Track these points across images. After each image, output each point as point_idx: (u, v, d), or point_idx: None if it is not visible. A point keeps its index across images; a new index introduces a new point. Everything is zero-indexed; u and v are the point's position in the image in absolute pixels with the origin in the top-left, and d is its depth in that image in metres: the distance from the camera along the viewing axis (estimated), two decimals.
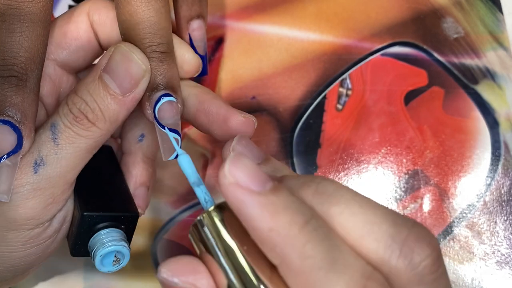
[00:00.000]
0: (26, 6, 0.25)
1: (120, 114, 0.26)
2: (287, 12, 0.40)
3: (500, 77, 0.39)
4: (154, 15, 0.27)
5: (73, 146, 0.25)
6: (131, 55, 0.26)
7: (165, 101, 0.27)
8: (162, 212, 0.37)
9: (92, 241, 0.27)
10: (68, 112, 0.25)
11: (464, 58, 0.39)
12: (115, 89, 0.25)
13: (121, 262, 0.27)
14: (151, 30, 0.27)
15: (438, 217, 0.37)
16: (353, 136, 0.38)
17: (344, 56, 0.39)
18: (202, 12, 0.32)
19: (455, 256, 0.36)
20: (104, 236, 0.27)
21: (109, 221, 0.27)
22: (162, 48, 0.27)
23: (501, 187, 0.37)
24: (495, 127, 0.38)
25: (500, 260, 0.36)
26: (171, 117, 0.27)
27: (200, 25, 0.32)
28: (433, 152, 0.38)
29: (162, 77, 0.27)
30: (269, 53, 0.39)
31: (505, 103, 0.38)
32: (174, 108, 0.27)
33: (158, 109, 0.27)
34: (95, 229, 0.27)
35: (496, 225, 0.37)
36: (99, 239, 0.27)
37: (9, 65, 0.25)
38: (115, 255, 0.27)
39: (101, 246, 0.26)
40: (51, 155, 0.25)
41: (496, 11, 0.40)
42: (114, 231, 0.27)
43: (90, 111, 0.25)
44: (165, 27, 0.27)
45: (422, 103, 0.38)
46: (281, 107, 0.38)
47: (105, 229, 0.27)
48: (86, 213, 0.27)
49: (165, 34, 0.27)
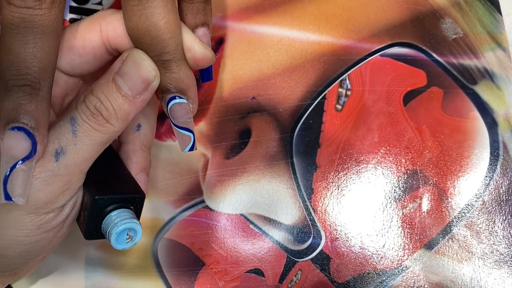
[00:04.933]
0: (39, 19, 0.27)
1: (131, 113, 0.28)
2: (287, 13, 0.40)
3: (499, 78, 0.39)
4: (153, 29, 0.29)
5: (89, 139, 0.28)
6: (142, 62, 0.28)
7: (175, 103, 0.30)
8: (163, 211, 0.37)
9: (106, 222, 0.29)
10: (86, 108, 0.28)
11: (463, 59, 0.39)
12: (127, 91, 0.28)
13: (134, 239, 0.29)
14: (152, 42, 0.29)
15: (437, 217, 0.37)
16: (353, 136, 0.38)
17: (344, 56, 0.39)
18: (206, 20, 0.34)
19: (454, 256, 0.37)
20: (116, 216, 0.29)
21: (119, 202, 0.29)
22: (165, 57, 0.29)
23: (500, 186, 0.37)
24: (494, 127, 0.38)
25: (498, 259, 0.36)
26: (181, 117, 0.30)
27: (205, 33, 0.33)
28: (432, 152, 0.38)
29: (170, 81, 0.30)
30: (269, 53, 0.39)
31: (504, 103, 0.39)
32: (183, 109, 0.30)
33: (169, 109, 0.30)
34: (107, 211, 0.29)
35: (494, 225, 0.37)
36: (112, 219, 0.29)
37: (23, 74, 0.26)
38: (127, 233, 0.29)
39: (114, 226, 0.28)
40: (71, 145, 0.27)
41: (494, 12, 0.40)
42: (124, 211, 0.29)
43: (105, 109, 0.28)
44: (165, 39, 0.29)
45: (421, 104, 0.39)
46: (281, 107, 0.39)
47: (115, 210, 0.29)
48: (97, 197, 0.29)
49: (167, 44, 0.29)
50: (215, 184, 0.37)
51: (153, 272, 0.37)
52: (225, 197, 0.37)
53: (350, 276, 0.36)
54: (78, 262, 0.37)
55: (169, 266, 0.37)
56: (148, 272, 0.37)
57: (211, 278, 0.36)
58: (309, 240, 0.37)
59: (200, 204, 0.37)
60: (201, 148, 0.38)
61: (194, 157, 0.38)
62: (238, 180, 0.38)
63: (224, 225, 0.37)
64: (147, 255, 0.37)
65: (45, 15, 0.27)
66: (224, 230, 0.37)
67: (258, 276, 0.37)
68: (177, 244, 0.37)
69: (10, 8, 0.26)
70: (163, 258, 0.37)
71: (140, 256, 0.37)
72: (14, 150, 0.26)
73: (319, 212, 0.37)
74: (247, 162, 0.38)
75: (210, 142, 0.38)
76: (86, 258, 0.37)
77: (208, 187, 0.38)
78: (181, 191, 0.38)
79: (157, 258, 0.37)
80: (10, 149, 0.26)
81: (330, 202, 0.37)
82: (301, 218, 0.37)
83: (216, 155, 0.38)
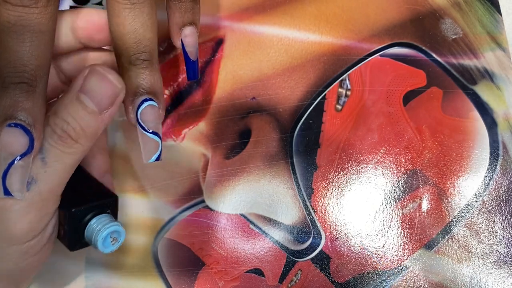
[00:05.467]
0: (35, 18, 0.27)
1: (99, 129, 0.28)
2: (287, 13, 0.40)
3: (499, 78, 0.39)
4: (139, 27, 0.29)
5: (60, 163, 0.27)
6: (106, 76, 0.28)
7: (147, 105, 0.29)
8: (163, 211, 0.37)
9: (88, 230, 0.29)
10: (52, 132, 0.27)
11: (463, 59, 0.39)
12: (93, 108, 0.27)
13: (119, 239, 0.30)
14: (136, 40, 0.29)
15: (437, 217, 0.37)
16: (352, 136, 0.38)
17: (344, 56, 0.39)
18: (194, 19, 0.34)
19: (454, 256, 0.37)
20: (97, 223, 0.29)
21: (95, 209, 0.30)
22: (145, 56, 0.30)
23: (500, 187, 0.37)
24: (494, 127, 0.38)
25: (498, 259, 0.36)
26: (152, 121, 0.30)
27: (192, 32, 0.34)
28: (432, 152, 0.38)
29: (144, 83, 0.29)
30: (269, 54, 0.40)
31: (504, 103, 0.39)
32: (155, 112, 0.30)
33: (140, 112, 0.29)
34: (86, 221, 0.29)
35: (494, 225, 0.37)
36: (93, 227, 0.29)
37: (20, 72, 0.26)
38: (111, 236, 0.29)
39: (98, 232, 0.29)
40: (41, 173, 0.27)
41: (494, 12, 0.40)
42: (103, 216, 0.30)
43: (72, 130, 0.27)
44: (149, 38, 0.30)
45: (421, 104, 0.39)
46: (281, 107, 0.39)
47: (94, 218, 0.30)
48: (74, 210, 0.29)
49: (149, 44, 0.30)
50: (215, 184, 0.38)
51: (153, 272, 0.37)
52: (225, 197, 0.37)
53: (350, 276, 0.36)
54: (78, 262, 0.37)
55: (169, 266, 0.37)
56: (148, 272, 0.37)
57: (211, 278, 0.36)
58: (309, 240, 0.37)
59: (200, 204, 0.37)
60: (201, 148, 0.38)
61: (194, 157, 0.38)
62: (238, 180, 0.38)
63: (224, 225, 0.37)
64: (147, 255, 0.37)
65: (41, 13, 0.27)
66: (224, 230, 0.37)
67: (258, 276, 0.37)
68: (177, 244, 0.37)
69: (7, 6, 0.26)
70: (163, 258, 0.37)
71: (140, 256, 0.37)
72: (12, 146, 0.26)
73: (319, 212, 0.37)
74: (247, 162, 0.38)
75: (210, 142, 0.38)
76: (86, 258, 0.37)
77: (208, 187, 0.38)
78: (181, 191, 0.38)
79: (157, 258, 0.37)
80: (8, 145, 0.26)
81: (330, 202, 0.37)
82: (301, 218, 0.37)
83: (216, 155, 0.38)
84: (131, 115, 0.30)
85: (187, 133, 0.38)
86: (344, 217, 0.37)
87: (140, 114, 0.29)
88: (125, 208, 0.37)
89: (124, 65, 0.30)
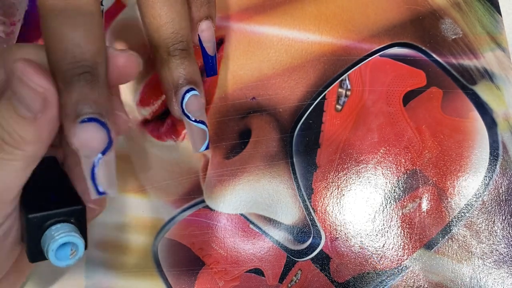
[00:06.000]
0: None
1: (42, 134, 0.25)
2: (287, 14, 0.40)
3: (498, 78, 0.39)
4: (176, 16, 0.28)
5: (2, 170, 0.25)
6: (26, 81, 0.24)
7: (191, 95, 0.29)
8: (163, 211, 0.37)
9: (43, 239, 0.26)
10: None
11: (463, 59, 0.39)
12: (25, 112, 0.24)
13: (77, 253, 0.26)
14: (173, 30, 0.28)
15: (437, 217, 0.37)
16: (352, 136, 0.38)
17: (343, 57, 0.39)
18: (210, 13, 0.33)
19: (454, 255, 0.37)
20: (54, 231, 0.26)
21: (56, 217, 0.26)
22: (183, 45, 0.29)
23: (499, 186, 0.37)
24: (493, 127, 0.38)
25: (498, 259, 0.36)
26: (198, 110, 0.29)
27: (208, 26, 0.33)
28: (432, 152, 0.38)
29: (185, 73, 0.29)
30: (269, 54, 0.40)
31: (503, 103, 0.39)
32: (199, 101, 0.29)
33: (185, 103, 0.29)
34: (44, 228, 0.26)
35: (494, 225, 0.37)
36: (49, 235, 0.26)
37: (80, 61, 0.24)
38: (71, 248, 0.26)
39: (51, 242, 0.26)
40: None
41: (494, 12, 0.40)
42: (64, 225, 0.26)
43: (7, 135, 0.24)
44: (185, 27, 0.29)
45: (421, 104, 0.39)
46: (281, 107, 0.39)
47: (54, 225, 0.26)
48: (30, 216, 0.26)
49: (186, 33, 0.29)
50: (215, 184, 0.38)
51: (153, 272, 0.37)
52: (225, 197, 0.37)
53: (350, 276, 0.36)
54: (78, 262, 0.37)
55: (169, 266, 0.37)
56: (148, 272, 0.37)
57: (211, 278, 0.36)
58: (309, 240, 0.37)
59: (200, 204, 0.37)
60: None
61: (194, 157, 0.38)
62: (238, 180, 0.38)
63: (224, 225, 0.37)
64: (147, 255, 0.37)
65: None
66: (224, 230, 0.37)
67: (258, 275, 0.37)
68: (177, 244, 0.37)
69: None
70: (163, 258, 0.37)
71: (140, 256, 0.37)
72: (92, 143, 0.24)
73: (319, 212, 0.37)
74: (247, 162, 0.38)
75: (210, 142, 0.38)
76: (86, 258, 0.37)
77: (208, 187, 0.38)
78: (181, 191, 0.38)
79: (157, 258, 0.37)
80: (87, 143, 0.24)
81: (330, 202, 0.37)
82: (301, 218, 0.37)
83: (216, 155, 0.38)
84: (175, 107, 0.29)
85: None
86: (344, 217, 0.37)
87: (185, 105, 0.29)
88: (125, 208, 0.37)
89: (163, 57, 0.29)
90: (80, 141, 0.24)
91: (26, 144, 0.25)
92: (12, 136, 0.24)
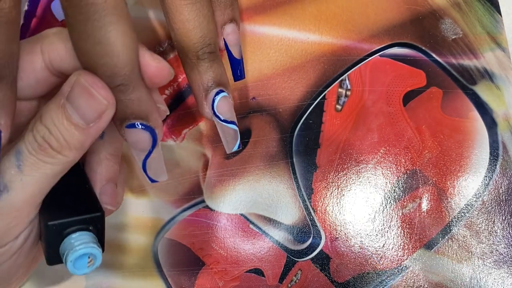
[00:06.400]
0: None
1: (86, 142, 0.26)
2: (287, 14, 0.40)
3: (498, 78, 0.39)
4: (203, 20, 0.29)
5: (39, 172, 0.25)
6: (90, 91, 0.25)
7: (221, 97, 0.30)
8: (163, 211, 0.37)
9: (62, 247, 0.27)
10: (33, 140, 0.25)
11: (463, 59, 0.39)
12: (78, 120, 0.25)
13: (95, 263, 0.27)
14: (201, 34, 0.29)
15: (437, 217, 0.37)
16: (352, 136, 0.38)
17: (343, 57, 0.39)
18: (234, 16, 0.33)
19: (454, 256, 0.37)
20: (74, 240, 0.27)
21: (75, 225, 0.27)
22: (211, 49, 0.30)
23: (499, 187, 0.37)
24: (493, 127, 0.38)
25: (498, 259, 0.36)
26: (228, 111, 0.30)
27: (233, 29, 0.33)
28: (432, 152, 0.38)
29: (214, 75, 0.30)
30: (269, 54, 0.40)
31: (503, 103, 0.39)
32: (229, 102, 0.30)
33: (216, 105, 0.30)
34: (64, 235, 0.27)
35: (494, 225, 0.37)
36: (68, 244, 0.27)
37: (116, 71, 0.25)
38: (89, 257, 0.27)
39: (70, 252, 0.26)
40: (16, 181, 0.25)
41: (494, 12, 0.40)
42: (83, 234, 0.27)
43: (54, 140, 0.25)
44: (212, 29, 0.30)
45: (421, 104, 0.39)
46: (281, 107, 0.39)
47: (74, 233, 0.27)
48: (50, 223, 0.26)
49: (213, 36, 0.30)
50: (215, 184, 0.38)
51: (153, 272, 0.37)
52: (225, 197, 0.37)
53: (350, 276, 0.36)
54: None
55: (169, 266, 0.37)
56: (148, 272, 0.37)
57: (211, 278, 0.37)
58: (309, 240, 0.37)
59: (200, 204, 0.37)
60: (201, 148, 0.38)
61: (194, 157, 0.38)
62: (238, 180, 0.38)
63: (224, 225, 0.37)
64: (147, 255, 0.37)
65: None
66: (224, 230, 0.37)
67: (258, 276, 0.37)
68: (177, 244, 0.37)
69: None
70: (163, 258, 0.37)
71: (140, 256, 0.37)
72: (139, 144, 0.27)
73: (319, 212, 0.37)
74: (247, 162, 0.38)
75: (210, 142, 0.38)
76: None
77: (208, 187, 0.38)
78: (181, 191, 0.38)
79: (157, 258, 0.37)
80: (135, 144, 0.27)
81: (330, 202, 0.37)
82: (301, 218, 0.37)
83: (216, 155, 0.38)
84: (207, 109, 0.30)
85: (187, 133, 0.38)
86: (344, 217, 0.37)
87: (216, 107, 0.30)
88: (125, 208, 0.37)
89: (192, 61, 0.30)
90: (130, 143, 0.27)
91: (70, 150, 0.26)
92: (59, 141, 0.25)
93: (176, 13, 0.29)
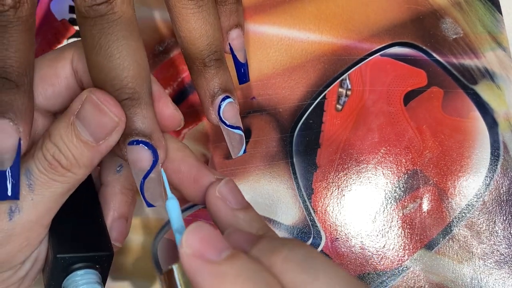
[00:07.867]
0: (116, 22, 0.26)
1: (95, 159, 0.26)
2: (287, 13, 0.40)
3: (499, 77, 0.39)
4: (209, 28, 0.30)
5: (49, 191, 0.25)
6: (102, 107, 0.25)
7: (227, 103, 0.30)
8: (163, 211, 0.37)
9: (66, 282, 0.26)
10: (43, 158, 0.25)
11: (463, 59, 0.39)
12: (88, 137, 0.25)
13: None
14: (208, 41, 0.30)
15: (437, 217, 0.37)
16: (353, 136, 0.38)
17: (344, 56, 0.39)
18: (240, 21, 0.34)
19: (454, 256, 0.36)
20: (79, 278, 0.26)
21: (82, 262, 0.27)
22: (217, 55, 0.30)
23: (500, 187, 0.37)
24: (494, 127, 0.38)
25: (499, 259, 0.36)
26: (233, 116, 0.31)
27: (238, 34, 0.34)
28: (432, 152, 0.38)
29: (220, 82, 0.30)
30: (269, 54, 0.39)
31: (504, 103, 0.39)
32: (234, 108, 0.31)
33: (222, 111, 0.30)
34: (69, 270, 0.26)
35: (495, 225, 0.37)
36: (73, 281, 0.26)
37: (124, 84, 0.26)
38: None
39: None
40: (27, 201, 0.25)
41: (495, 11, 0.40)
42: (89, 272, 0.27)
43: (64, 158, 0.25)
44: (218, 37, 0.30)
45: (421, 103, 0.39)
46: (281, 107, 0.39)
47: (79, 270, 0.26)
48: (59, 255, 0.26)
49: (219, 43, 0.31)
50: None
51: (153, 272, 0.37)
52: None
53: None
54: None
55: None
56: (148, 272, 0.37)
57: None
58: (309, 240, 0.37)
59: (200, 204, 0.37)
60: (201, 148, 0.38)
61: None
62: (238, 180, 0.38)
63: None
64: (147, 255, 0.37)
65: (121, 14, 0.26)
66: None
67: None
68: None
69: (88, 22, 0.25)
70: (163, 258, 0.37)
71: (140, 256, 0.37)
72: (139, 163, 0.26)
73: (319, 212, 0.37)
74: (247, 162, 0.38)
75: (210, 142, 0.38)
76: None
77: None
78: None
79: (157, 258, 0.37)
80: (135, 162, 0.26)
81: (330, 202, 0.37)
82: (301, 218, 0.37)
83: (216, 155, 0.38)
84: (213, 115, 0.30)
85: (187, 133, 0.38)
86: (344, 217, 0.37)
87: (222, 113, 0.30)
88: None
89: (199, 68, 0.30)
90: (130, 161, 0.26)
91: (79, 168, 0.25)
92: (69, 159, 0.25)
93: (183, 22, 0.30)
